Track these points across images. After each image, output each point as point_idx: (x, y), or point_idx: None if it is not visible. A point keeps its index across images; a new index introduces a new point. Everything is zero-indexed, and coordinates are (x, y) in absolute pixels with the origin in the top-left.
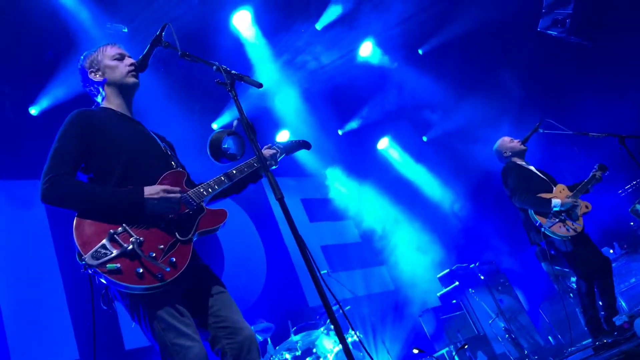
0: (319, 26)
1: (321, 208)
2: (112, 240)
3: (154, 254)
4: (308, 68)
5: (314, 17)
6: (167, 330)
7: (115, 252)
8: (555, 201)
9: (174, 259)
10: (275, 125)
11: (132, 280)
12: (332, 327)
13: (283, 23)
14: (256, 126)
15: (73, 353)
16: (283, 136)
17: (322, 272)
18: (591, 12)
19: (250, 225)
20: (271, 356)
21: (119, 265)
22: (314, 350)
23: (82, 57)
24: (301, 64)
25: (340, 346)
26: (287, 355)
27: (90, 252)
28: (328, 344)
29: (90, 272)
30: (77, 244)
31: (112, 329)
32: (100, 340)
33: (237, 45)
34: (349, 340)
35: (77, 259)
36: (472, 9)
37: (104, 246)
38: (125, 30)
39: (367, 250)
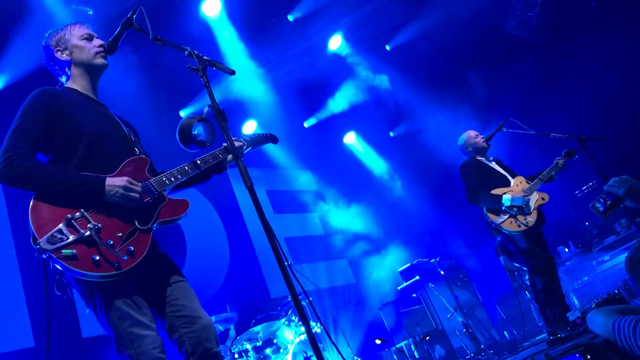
0: (291, 17)
1: (286, 200)
2: (69, 225)
3: (112, 242)
4: (277, 59)
5: (286, 8)
6: (122, 318)
7: (71, 238)
8: (506, 197)
9: (132, 248)
10: (241, 115)
11: (88, 267)
12: (293, 318)
13: (254, 13)
14: None
15: (28, 340)
16: (249, 127)
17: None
18: (557, 14)
19: (214, 215)
20: (232, 346)
21: (75, 251)
22: (275, 340)
23: (47, 35)
24: (271, 55)
25: (301, 337)
26: (248, 346)
27: (46, 236)
28: (289, 334)
29: (44, 256)
30: (32, 227)
31: (69, 316)
32: (56, 327)
33: (206, 34)
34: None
35: (32, 243)
36: (441, 7)
37: (60, 231)
38: (91, 12)
39: (330, 243)
